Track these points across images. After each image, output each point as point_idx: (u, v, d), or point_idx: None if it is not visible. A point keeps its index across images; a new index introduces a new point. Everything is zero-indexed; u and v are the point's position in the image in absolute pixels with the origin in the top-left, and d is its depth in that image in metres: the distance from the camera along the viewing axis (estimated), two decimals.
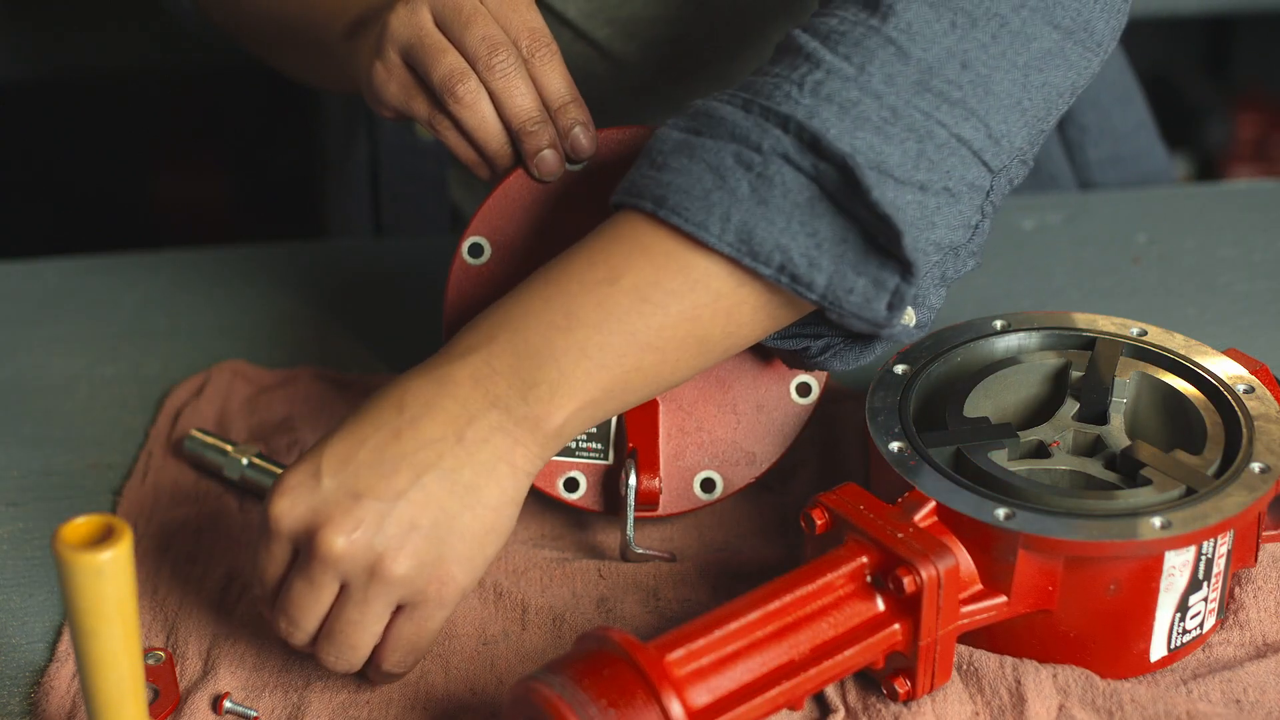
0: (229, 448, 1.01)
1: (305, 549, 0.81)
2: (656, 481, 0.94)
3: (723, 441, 0.96)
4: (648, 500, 0.94)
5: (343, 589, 0.81)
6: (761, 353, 0.95)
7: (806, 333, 0.90)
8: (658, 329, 0.83)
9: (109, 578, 0.71)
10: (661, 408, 0.96)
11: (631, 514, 0.94)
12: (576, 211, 0.95)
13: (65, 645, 0.90)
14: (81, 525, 0.71)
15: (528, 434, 0.82)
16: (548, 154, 0.92)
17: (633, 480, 0.94)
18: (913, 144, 0.83)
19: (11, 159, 2.26)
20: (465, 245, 0.96)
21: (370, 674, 0.86)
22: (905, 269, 0.83)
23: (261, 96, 2.25)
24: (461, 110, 0.91)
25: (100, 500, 1.03)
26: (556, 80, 0.92)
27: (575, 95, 0.93)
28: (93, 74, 1.78)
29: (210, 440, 1.02)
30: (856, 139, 0.82)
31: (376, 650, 0.84)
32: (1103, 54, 0.89)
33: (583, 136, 0.93)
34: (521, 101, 0.92)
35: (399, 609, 0.82)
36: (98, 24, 1.77)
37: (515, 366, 0.82)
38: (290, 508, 0.81)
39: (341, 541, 0.80)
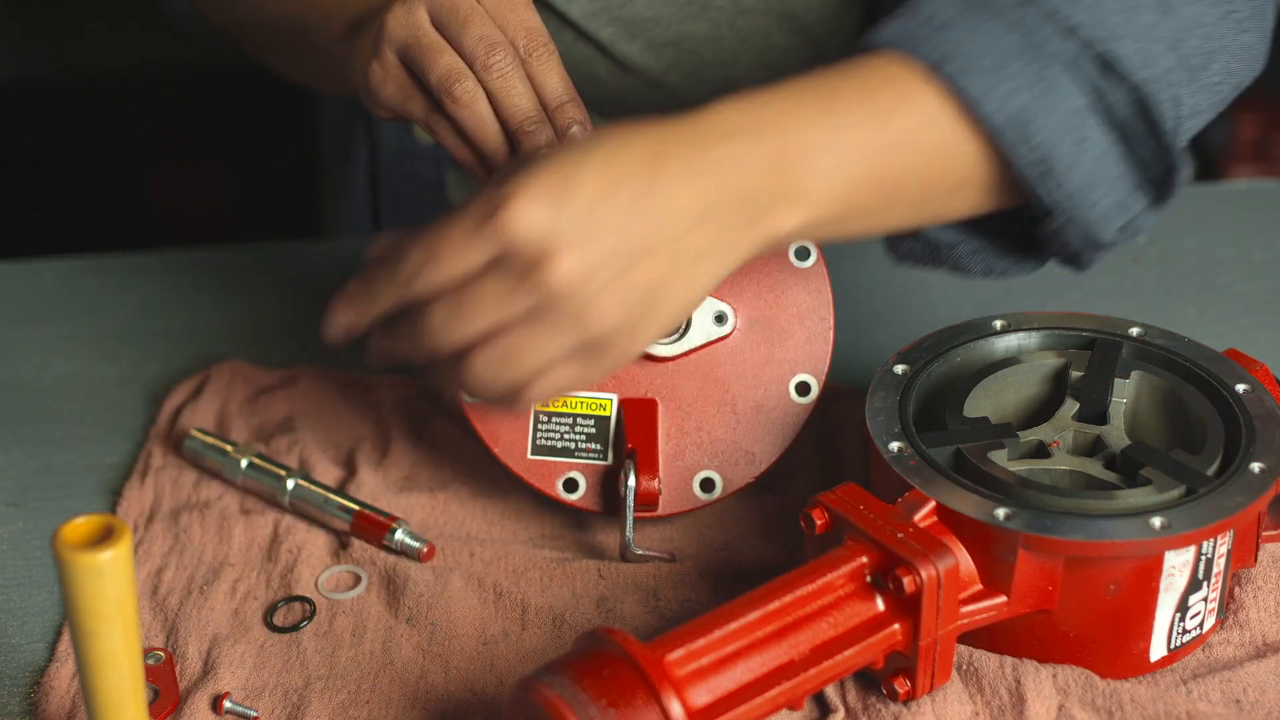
0: (229, 448, 1.01)
1: (522, 268, 0.77)
2: (656, 482, 0.94)
3: (722, 441, 0.96)
4: (647, 501, 0.94)
5: (532, 314, 0.78)
6: (761, 352, 0.95)
7: (981, 229, 0.90)
8: (894, 176, 0.83)
9: (109, 578, 0.71)
10: (660, 408, 0.96)
11: (631, 515, 0.94)
12: None
13: (65, 645, 0.90)
14: (81, 525, 0.71)
15: (754, 233, 0.81)
16: None
17: (632, 481, 0.94)
18: (1203, 83, 0.85)
19: (12, 159, 2.27)
20: None
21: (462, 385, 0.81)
22: (1158, 198, 0.84)
23: (261, 97, 2.25)
24: (459, 110, 0.91)
25: (99, 500, 1.03)
26: (554, 80, 0.92)
27: (573, 95, 0.93)
28: (93, 74, 1.78)
29: (211, 441, 1.02)
30: (1154, 67, 0.83)
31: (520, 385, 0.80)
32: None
33: (580, 136, 0.93)
34: (519, 101, 0.91)
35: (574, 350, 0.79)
36: (98, 25, 1.77)
37: (764, 169, 0.80)
38: (527, 213, 0.77)
39: (569, 278, 0.77)
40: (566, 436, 0.96)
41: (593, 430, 0.96)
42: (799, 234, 0.82)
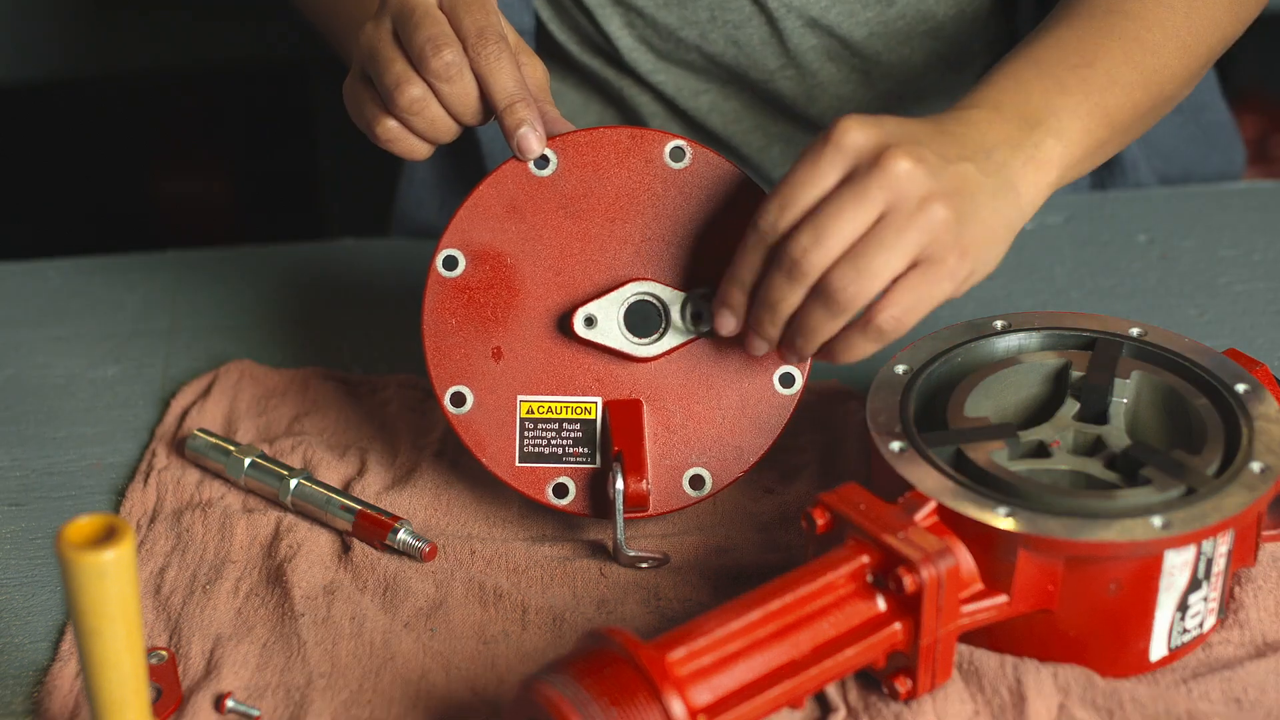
0: (232, 448, 1.02)
1: (866, 168, 0.85)
2: (644, 484, 0.94)
3: (709, 437, 0.96)
4: (636, 502, 0.94)
5: (882, 217, 0.84)
6: (743, 346, 0.95)
7: None
8: (1119, 107, 0.94)
9: (111, 577, 0.71)
10: (646, 407, 0.96)
11: (620, 518, 0.94)
12: (550, 216, 0.95)
13: (68, 644, 0.90)
14: (84, 525, 0.72)
15: (1031, 177, 0.90)
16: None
17: (620, 484, 0.94)
18: None
19: (13, 159, 2.26)
20: (439, 259, 0.96)
21: (834, 344, 0.88)
22: None
23: (262, 96, 2.25)
24: (409, 119, 0.92)
25: (102, 500, 1.03)
26: (502, 78, 0.92)
27: (523, 94, 0.92)
28: (93, 75, 1.78)
29: (213, 441, 1.03)
30: None
31: (873, 306, 0.86)
32: None
33: (530, 137, 0.93)
34: (463, 103, 0.92)
35: (913, 267, 0.85)
36: (99, 25, 1.77)
37: (1024, 118, 0.90)
38: (859, 125, 0.86)
39: (907, 164, 0.84)
40: (554, 442, 0.96)
41: (579, 434, 0.96)
42: (1064, 176, 0.91)
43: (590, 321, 0.95)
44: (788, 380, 0.95)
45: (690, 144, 0.95)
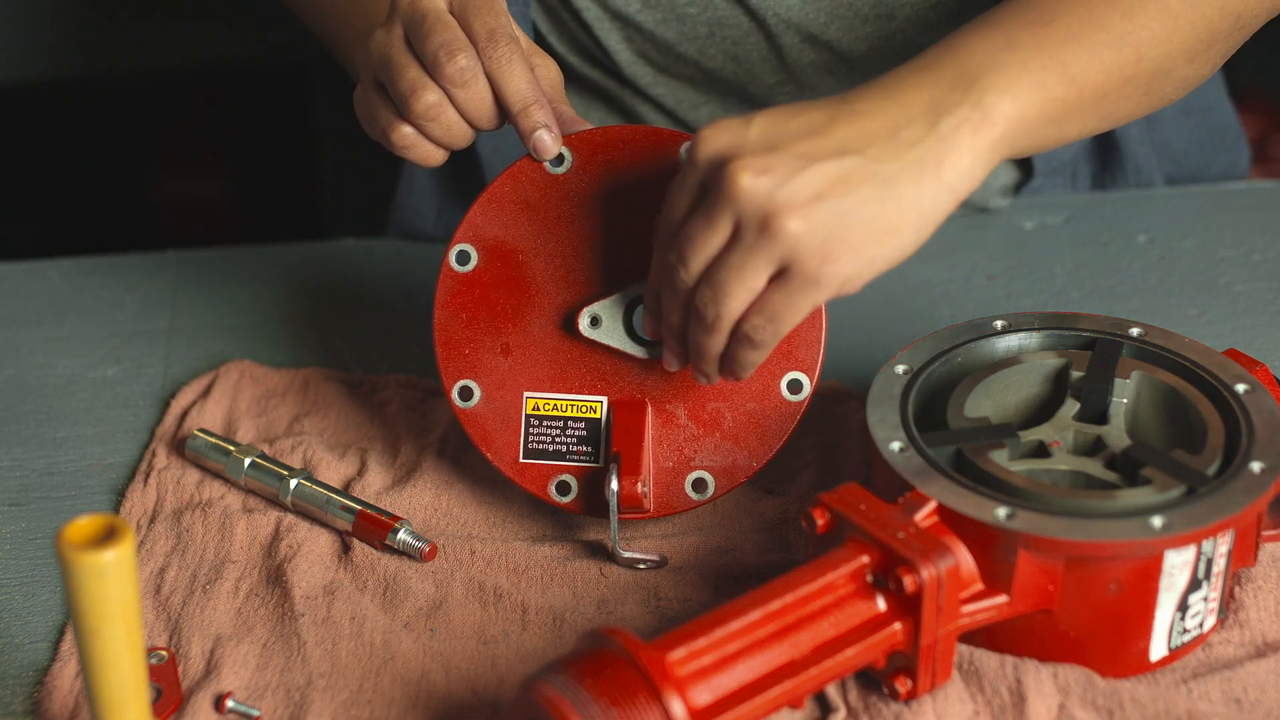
0: (232, 448, 1.02)
1: (712, 184, 0.83)
2: (641, 486, 0.94)
3: (713, 442, 0.95)
4: (631, 504, 0.94)
5: (733, 235, 0.83)
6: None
7: None
8: (1084, 68, 0.87)
9: (111, 578, 0.71)
10: (650, 409, 0.96)
11: (614, 519, 0.94)
12: (562, 212, 0.96)
13: (68, 644, 0.91)
14: (84, 525, 0.72)
15: (964, 141, 0.84)
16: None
17: (614, 485, 0.93)
18: None
19: (14, 160, 2.26)
20: (452, 253, 0.97)
21: (725, 360, 0.87)
22: None
23: (262, 96, 2.25)
24: (425, 125, 0.92)
25: (102, 500, 1.03)
26: (515, 81, 0.92)
27: (538, 97, 0.92)
28: (94, 75, 1.78)
29: (213, 441, 1.03)
30: None
31: (739, 321, 0.85)
32: None
33: (545, 138, 0.93)
34: (477, 108, 0.92)
35: (777, 276, 0.83)
36: (99, 25, 1.77)
37: (959, 76, 0.85)
38: (712, 137, 0.83)
39: (746, 179, 0.81)
40: (558, 440, 0.96)
41: (584, 433, 0.96)
42: (1014, 141, 0.86)
43: (595, 321, 0.95)
44: (795, 387, 0.95)
45: None
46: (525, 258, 0.96)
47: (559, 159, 0.95)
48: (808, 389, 0.95)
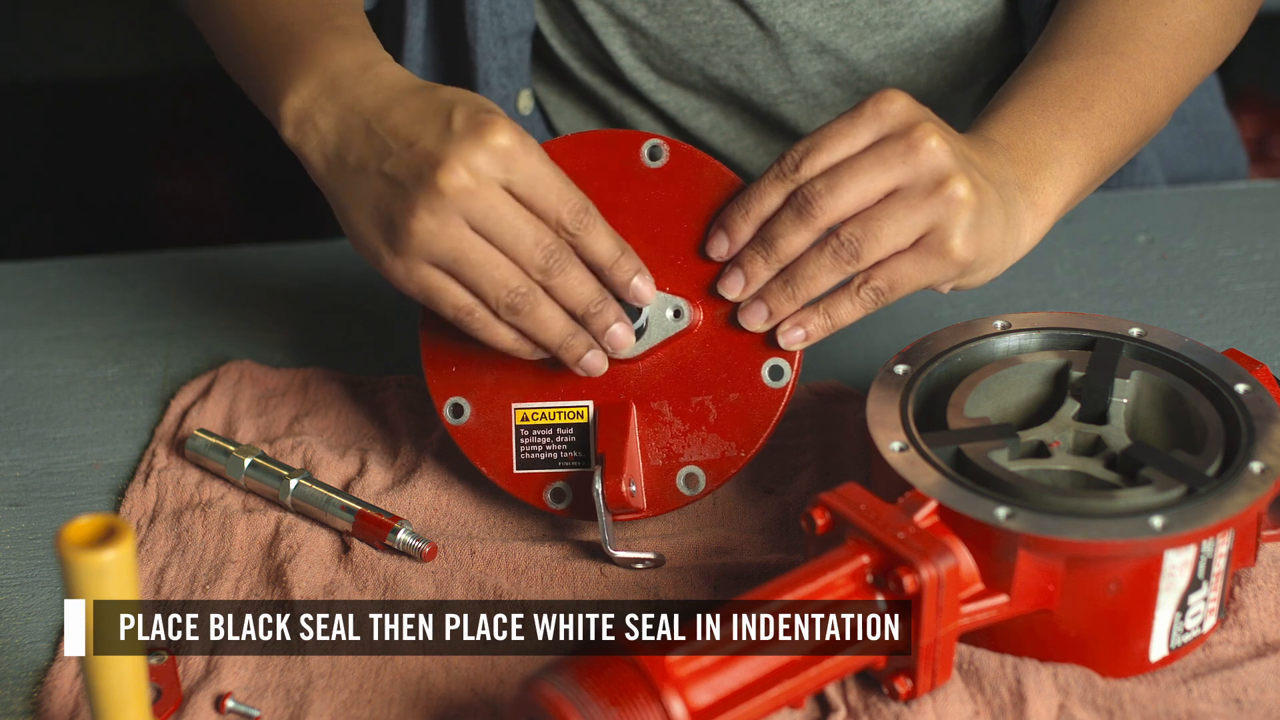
0: (232, 448, 1.02)
1: (895, 135, 0.89)
2: (628, 485, 0.94)
3: (700, 436, 0.95)
4: (618, 504, 0.94)
5: (899, 190, 0.88)
6: (728, 340, 0.95)
7: None
8: (1111, 148, 0.99)
9: (111, 577, 0.71)
10: (634, 409, 0.95)
11: (602, 519, 0.94)
12: None
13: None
14: (84, 525, 0.72)
15: (1034, 217, 0.94)
16: (591, 357, 0.92)
17: (598, 485, 0.93)
18: None
19: (14, 160, 2.27)
20: None
21: (841, 298, 0.91)
22: None
23: None
24: (522, 321, 0.90)
25: (102, 500, 1.03)
26: (602, 243, 0.90)
27: (624, 246, 0.91)
28: (95, 76, 1.78)
29: (213, 441, 1.03)
30: None
31: (867, 271, 0.90)
32: None
33: (641, 284, 0.92)
34: (579, 291, 0.90)
35: (917, 242, 0.89)
36: (99, 26, 1.77)
37: (1031, 159, 0.95)
38: (905, 99, 0.90)
39: (935, 140, 0.88)
40: (549, 448, 0.96)
41: (573, 439, 0.96)
42: (1061, 213, 0.96)
43: None
44: (776, 373, 0.95)
45: (667, 142, 0.95)
46: None
47: None
48: (789, 375, 0.95)
